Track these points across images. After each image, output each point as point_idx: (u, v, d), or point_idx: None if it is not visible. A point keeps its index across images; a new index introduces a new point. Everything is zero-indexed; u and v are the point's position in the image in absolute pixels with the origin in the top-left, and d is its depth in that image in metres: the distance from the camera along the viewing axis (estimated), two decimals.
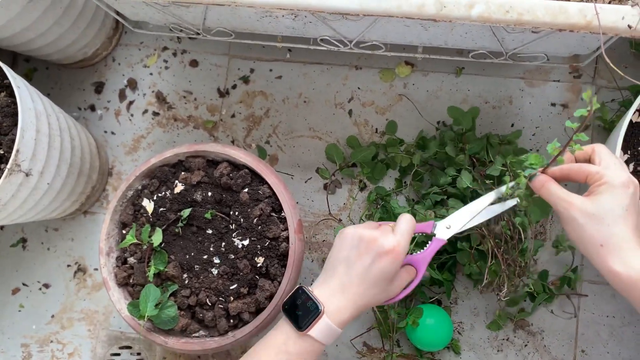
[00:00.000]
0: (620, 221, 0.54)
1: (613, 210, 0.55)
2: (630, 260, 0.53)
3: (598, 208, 0.55)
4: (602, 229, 0.55)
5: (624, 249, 0.54)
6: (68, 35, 0.96)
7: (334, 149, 1.00)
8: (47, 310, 1.06)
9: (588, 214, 0.55)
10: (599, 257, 0.55)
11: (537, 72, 1.01)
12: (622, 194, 0.55)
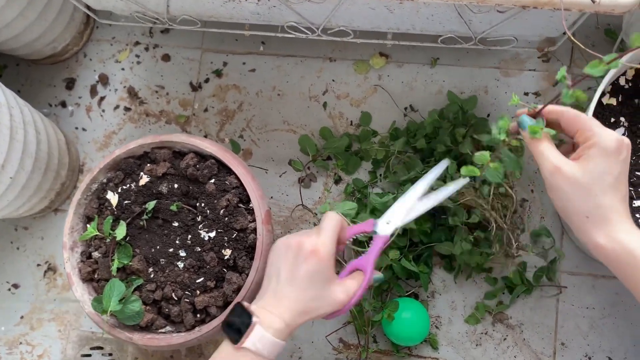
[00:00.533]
0: (610, 191, 0.50)
1: (603, 180, 0.51)
2: (617, 233, 0.50)
3: (587, 176, 0.51)
4: (589, 199, 0.51)
5: (610, 221, 0.51)
6: (34, 28, 0.95)
7: (307, 140, 0.98)
8: (16, 312, 1.03)
9: (576, 183, 0.51)
10: (584, 229, 0.52)
11: (512, 62, 1.00)
12: (614, 161, 0.51)
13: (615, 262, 0.51)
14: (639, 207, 0.70)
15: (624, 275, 0.51)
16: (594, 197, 0.51)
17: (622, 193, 0.52)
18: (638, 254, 0.49)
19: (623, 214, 0.51)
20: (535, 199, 0.95)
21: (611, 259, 0.51)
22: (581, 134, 0.54)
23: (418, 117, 0.99)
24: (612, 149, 0.51)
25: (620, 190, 0.52)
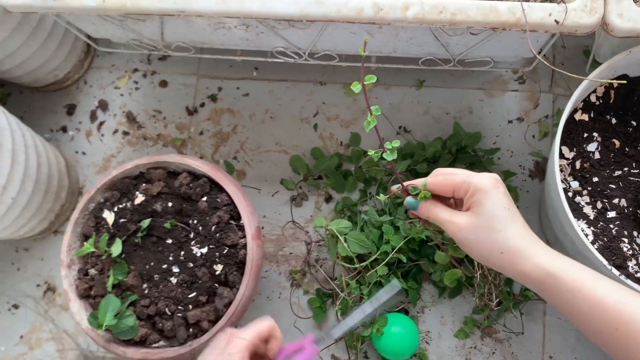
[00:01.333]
0: (510, 222, 0.52)
1: (498, 215, 0.52)
2: (534, 258, 0.51)
3: (483, 218, 0.53)
4: (496, 237, 0.52)
5: (525, 248, 0.52)
6: (37, 57, 0.99)
7: (298, 161, 1.01)
8: (16, 331, 1.05)
9: (477, 227, 0.53)
10: (505, 264, 0.52)
11: (495, 83, 1.04)
12: (496, 195, 0.53)
13: (541, 287, 0.51)
14: (613, 218, 0.73)
15: (552, 299, 0.51)
16: (498, 233, 0.52)
17: (520, 220, 0.54)
18: (560, 276, 0.49)
19: (532, 239, 0.53)
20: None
21: (537, 284, 0.52)
22: (458, 190, 0.56)
23: (410, 138, 1.02)
24: (490, 186, 0.53)
25: (517, 219, 0.53)
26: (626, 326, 0.45)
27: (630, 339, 0.45)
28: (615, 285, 0.48)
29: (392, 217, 0.87)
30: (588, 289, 0.47)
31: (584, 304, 0.47)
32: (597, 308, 0.46)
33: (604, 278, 0.49)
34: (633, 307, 0.45)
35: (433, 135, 1.02)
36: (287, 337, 0.97)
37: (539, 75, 1.03)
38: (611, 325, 0.46)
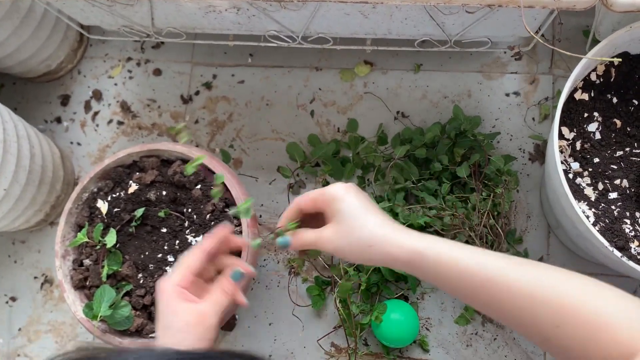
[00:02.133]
0: (368, 217, 0.54)
1: (356, 214, 0.55)
2: (399, 242, 0.53)
3: (345, 222, 0.55)
4: (361, 234, 0.54)
5: (388, 235, 0.54)
6: (28, 46, 0.98)
7: (295, 148, 1.00)
8: (14, 324, 1.04)
9: (342, 233, 0.55)
10: (376, 255, 0.54)
11: (494, 65, 1.02)
12: (349, 198, 0.55)
13: (411, 266, 0.53)
14: (614, 200, 0.71)
15: (423, 275, 0.53)
16: (361, 230, 0.54)
17: (379, 212, 0.55)
18: (426, 253, 0.51)
19: (394, 226, 0.54)
20: (521, 199, 0.96)
21: (407, 265, 0.53)
22: (319, 205, 0.58)
23: (408, 123, 1.01)
24: (342, 193, 0.56)
25: (375, 212, 0.55)
26: (489, 284, 0.48)
27: (495, 294, 0.48)
28: (475, 252, 0.51)
29: (391, 204, 0.86)
30: (453, 260, 0.50)
31: (451, 274, 0.50)
32: (463, 275, 0.50)
33: (464, 247, 0.52)
34: (492, 266, 0.49)
35: (431, 120, 1.00)
36: (291, 325, 0.96)
37: (538, 57, 1.01)
38: (478, 287, 0.49)
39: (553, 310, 0.46)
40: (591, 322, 0.44)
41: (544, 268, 0.49)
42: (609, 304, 0.45)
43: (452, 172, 0.91)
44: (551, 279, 0.47)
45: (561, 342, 0.46)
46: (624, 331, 0.43)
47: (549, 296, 0.46)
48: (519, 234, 0.94)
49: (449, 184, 0.88)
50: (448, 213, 0.80)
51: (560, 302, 0.46)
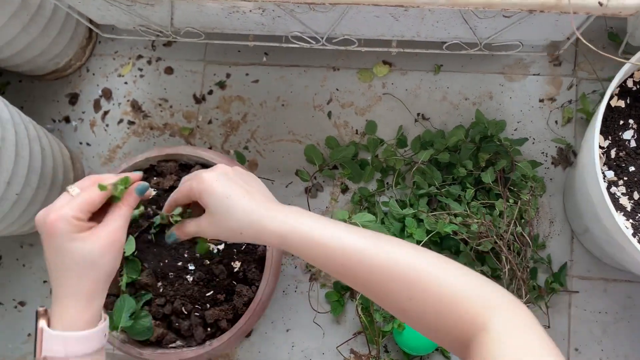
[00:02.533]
0: (236, 206, 0.55)
1: (223, 205, 0.55)
2: (268, 226, 0.54)
3: (216, 213, 0.56)
4: (232, 224, 0.55)
5: (255, 223, 0.54)
6: (37, 44, 0.94)
7: (313, 150, 0.97)
8: (23, 329, 1.02)
9: (216, 223, 0.56)
10: (251, 238, 0.56)
11: (516, 67, 1.00)
12: (217, 189, 0.55)
13: (285, 245, 0.54)
14: None
15: (295, 251, 0.54)
16: (231, 220, 0.55)
17: (245, 199, 0.55)
18: (290, 237, 0.53)
19: (261, 210, 0.55)
20: (544, 204, 0.94)
21: (281, 245, 0.55)
22: (193, 198, 0.58)
23: (428, 125, 0.99)
24: (208, 185, 0.56)
25: (241, 201, 0.55)
26: (349, 261, 0.51)
27: (355, 270, 0.51)
28: (336, 229, 0.53)
29: (415, 210, 0.84)
30: (315, 240, 0.52)
31: (315, 253, 0.52)
32: (326, 253, 0.52)
33: (326, 224, 0.53)
34: (351, 243, 0.51)
35: (452, 122, 0.98)
36: (309, 331, 0.94)
37: (561, 61, 0.99)
38: (339, 264, 0.51)
39: (406, 285, 0.49)
40: (441, 295, 0.47)
41: (398, 245, 0.51)
42: (457, 279, 0.48)
43: (476, 178, 0.89)
44: (405, 256, 0.50)
45: (415, 314, 0.49)
46: (471, 304, 0.46)
47: (402, 271, 0.49)
48: (542, 240, 0.93)
49: (473, 190, 0.86)
50: (475, 221, 0.78)
51: (412, 276, 0.49)
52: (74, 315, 0.51)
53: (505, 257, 0.79)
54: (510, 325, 0.45)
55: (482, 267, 0.84)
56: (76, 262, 0.51)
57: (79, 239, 0.51)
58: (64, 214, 0.51)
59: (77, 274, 0.51)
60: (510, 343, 0.44)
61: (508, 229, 0.81)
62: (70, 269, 0.51)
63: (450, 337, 0.48)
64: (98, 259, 0.52)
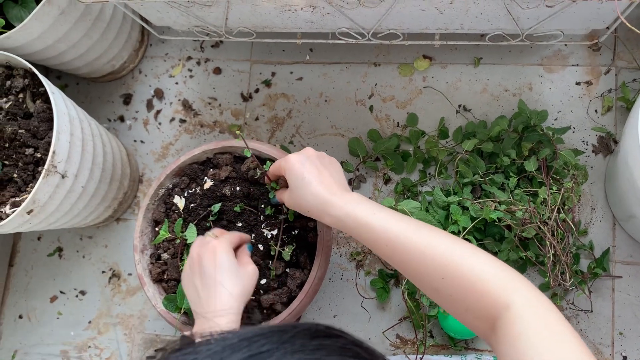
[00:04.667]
0: (309, 187, 0.66)
1: (298, 185, 0.67)
2: (327, 210, 0.64)
3: (293, 190, 0.68)
4: (301, 201, 0.67)
5: (320, 205, 0.65)
6: (97, 47, 1.01)
7: (356, 143, 1.01)
8: (84, 317, 1.08)
9: (293, 197, 0.69)
10: (316, 218, 0.68)
11: (555, 58, 1.02)
12: (296, 170, 0.67)
13: (341, 229, 0.64)
14: None
15: (352, 236, 0.64)
16: (302, 198, 0.67)
17: (316, 182, 0.66)
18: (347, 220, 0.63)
19: (327, 194, 0.65)
20: (585, 191, 0.96)
21: (339, 228, 0.64)
22: (281, 173, 0.72)
23: (470, 117, 1.01)
24: (292, 163, 0.68)
25: (313, 183, 0.66)
26: (393, 243, 0.59)
27: (397, 252, 0.59)
28: (386, 214, 0.61)
29: (460, 198, 0.87)
30: (367, 225, 0.61)
31: (366, 235, 0.61)
32: (375, 237, 0.61)
33: (377, 210, 0.62)
34: (395, 228, 0.60)
35: (493, 113, 1.01)
36: (355, 316, 0.98)
37: (601, 49, 1.01)
38: (384, 246, 0.60)
39: (440, 266, 0.56)
40: (469, 276, 0.54)
41: (436, 232, 0.59)
42: (485, 265, 0.54)
43: (519, 167, 0.92)
44: (440, 241, 0.57)
45: (446, 292, 0.56)
46: (496, 286, 0.52)
47: (437, 254, 0.56)
48: (583, 226, 0.95)
49: (516, 178, 0.89)
50: (520, 208, 0.81)
51: (446, 259, 0.55)
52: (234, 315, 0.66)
53: (550, 243, 0.81)
54: (529, 304, 0.50)
55: (525, 253, 0.86)
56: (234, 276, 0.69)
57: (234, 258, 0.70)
58: (225, 239, 0.72)
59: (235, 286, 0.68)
60: (531, 320, 0.49)
61: (551, 215, 0.83)
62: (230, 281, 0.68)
63: (476, 315, 0.53)
64: (248, 276, 0.70)
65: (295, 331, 0.31)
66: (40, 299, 1.10)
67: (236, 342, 0.30)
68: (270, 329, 0.31)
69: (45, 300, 1.09)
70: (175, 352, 0.30)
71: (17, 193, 0.83)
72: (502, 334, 0.50)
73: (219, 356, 0.29)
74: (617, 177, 0.84)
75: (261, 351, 0.29)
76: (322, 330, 0.32)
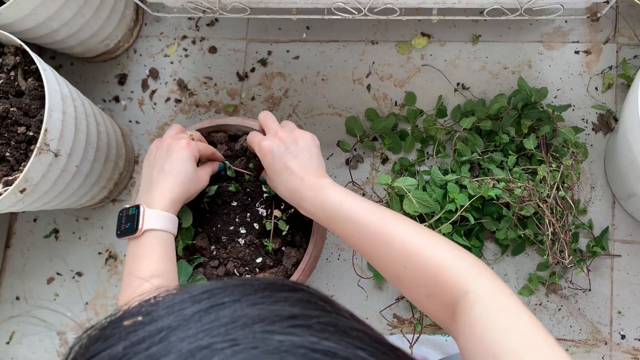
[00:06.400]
0: (278, 178, 0.68)
1: (272, 171, 0.68)
2: (302, 205, 0.66)
3: (268, 173, 0.70)
4: (277, 186, 0.69)
5: (292, 195, 0.67)
6: (90, 25, 0.99)
7: (353, 122, 1.00)
8: (81, 298, 1.08)
9: (271, 181, 0.71)
10: (295, 205, 0.68)
11: (555, 35, 1.00)
12: (267, 159, 0.68)
13: (322, 222, 0.65)
14: None
15: (325, 225, 0.65)
16: (278, 181, 0.68)
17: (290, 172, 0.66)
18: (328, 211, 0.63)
19: (301, 185, 0.65)
20: (585, 170, 0.95)
21: (320, 221, 0.65)
22: None
23: (468, 95, 1.00)
24: (264, 150, 0.69)
25: (290, 171, 0.66)
26: (358, 231, 0.60)
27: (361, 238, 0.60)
28: (354, 204, 0.61)
29: (457, 176, 0.86)
30: (337, 211, 0.61)
31: (337, 223, 0.62)
32: (343, 224, 0.61)
33: (349, 199, 0.62)
34: (360, 216, 0.60)
35: (492, 92, 0.99)
36: (352, 296, 0.97)
37: (600, 25, 0.99)
38: (350, 234, 0.61)
39: (402, 255, 0.56)
40: (430, 264, 0.54)
41: (401, 221, 0.59)
42: (446, 253, 0.55)
43: (517, 144, 0.90)
44: (404, 231, 0.58)
45: (408, 281, 0.56)
46: (455, 273, 0.52)
47: (400, 243, 0.57)
48: (582, 205, 0.94)
49: (515, 156, 0.88)
50: (519, 185, 0.80)
51: (408, 248, 0.56)
52: (166, 204, 0.68)
53: (549, 221, 0.80)
54: (490, 291, 0.50)
55: (524, 231, 0.85)
56: (186, 174, 0.70)
57: (194, 163, 0.72)
58: (194, 144, 0.73)
59: (181, 181, 0.70)
60: (489, 303, 0.49)
61: (550, 193, 0.82)
62: (179, 176, 0.69)
63: (437, 303, 0.54)
64: (197, 181, 0.73)
65: (258, 284, 0.31)
66: (37, 281, 1.09)
67: (197, 294, 0.29)
68: (233, 282, 0.31)
69: (42, 282, 1.09)
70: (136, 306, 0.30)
71: (9, 172, 0.83)
72: (461, 320, 0.50)
73: (179, 307, 0.29)
74: (617, 155, 0.83)
75: (223, 302, 0.29)
76: (288, 285, 0.32)
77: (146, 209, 0.67)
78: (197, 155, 0.73)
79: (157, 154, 0.72)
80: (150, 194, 0.69)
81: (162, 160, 0.71)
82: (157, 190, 0.69)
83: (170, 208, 0.69)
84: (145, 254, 0.66)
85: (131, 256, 0.67)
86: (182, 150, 0.71)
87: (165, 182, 0.69)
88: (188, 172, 0.71)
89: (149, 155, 0.74)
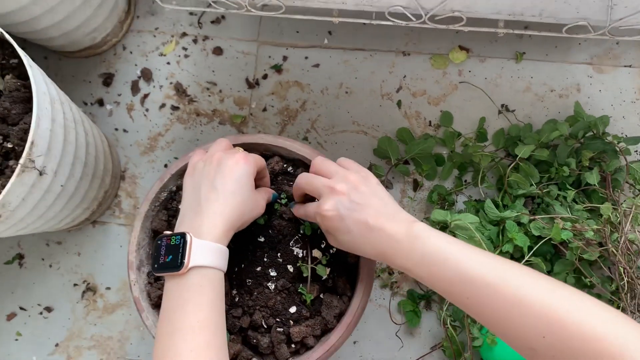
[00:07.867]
0: (356, 242, 0.56)
1: (343, 240, 0.57)
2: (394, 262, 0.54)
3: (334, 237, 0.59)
4: (355, 251, 0.58)
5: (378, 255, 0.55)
6: (78, 14, 0.82)
7: (388, 143, 0.88)
8: (50, 339, 0.90)
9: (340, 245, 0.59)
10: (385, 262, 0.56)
11: (605, 57, 0.92)
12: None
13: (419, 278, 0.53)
14: None
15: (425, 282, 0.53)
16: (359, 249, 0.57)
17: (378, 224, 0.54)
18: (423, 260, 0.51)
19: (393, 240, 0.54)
20: None
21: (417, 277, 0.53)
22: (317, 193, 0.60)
23: (512, 118, 0.90)
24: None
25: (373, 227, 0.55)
26: (473, 292, 0.48)
27: (478, 301, 0.48)
28: (463, 255, 0.50)
29: (517, 213, 0.75)
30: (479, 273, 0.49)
31: (442, 283, 0.50)
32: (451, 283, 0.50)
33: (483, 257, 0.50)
34: (474, 273, 0.48)
35: (537, 115, 0.90)
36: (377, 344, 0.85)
37: None
38: (464, 296, 0.49)
39: (539, 322, 0.45)
40: (579, 333, 0.43)
41: (528, 276, 0.47)
42: (596, 316, 0.44)
43: (575, 178, 0.81)
44: (537, 290, 0.46)
45: (548, 353, 0.45)
46: (613, 344, 0.42)
47: (538, 307, 0.45)
48: None
49: (573, 192, 0.78)
50: (591, 227, 0.70)
51: (546, 313, 0.45)
52: (218, 233, 0.54)
53: (623, 269, 0.70)
54: None
55: (590, 278, 0.75)
56: (242, 196, 0.57)
57: (252, 183, 0.59)
58: (253, 160, 0.60)
59: (237, 205, 0.56)
60: None
61: (621, 236, 0.72)
62: (234, 197, 0.56)
63: None
64: (254, 206, 0.59)
65: None
66: None
67: None
68: None
69: (1, 318, 0.90)
70: None
71: None
72: None
73: None
74: None
75: None
76: None
77: (194, 238, 0.53)
78: (254, 175, 0.60)
79: (204, 169, 0.58)
80: (199, 219, 0.55)
81: (212, 177, 0.57)
82: (208, 214, 0.55)
83: (223, 238, 0.55)
84: (192, 298, 0.52)
85: (171, 299, 0.53)
86: (238, 165, 0.58)
87: (217, 205, 0.55)
88: (245, 193, 0.57)
89: (193, 171, 0.60)
